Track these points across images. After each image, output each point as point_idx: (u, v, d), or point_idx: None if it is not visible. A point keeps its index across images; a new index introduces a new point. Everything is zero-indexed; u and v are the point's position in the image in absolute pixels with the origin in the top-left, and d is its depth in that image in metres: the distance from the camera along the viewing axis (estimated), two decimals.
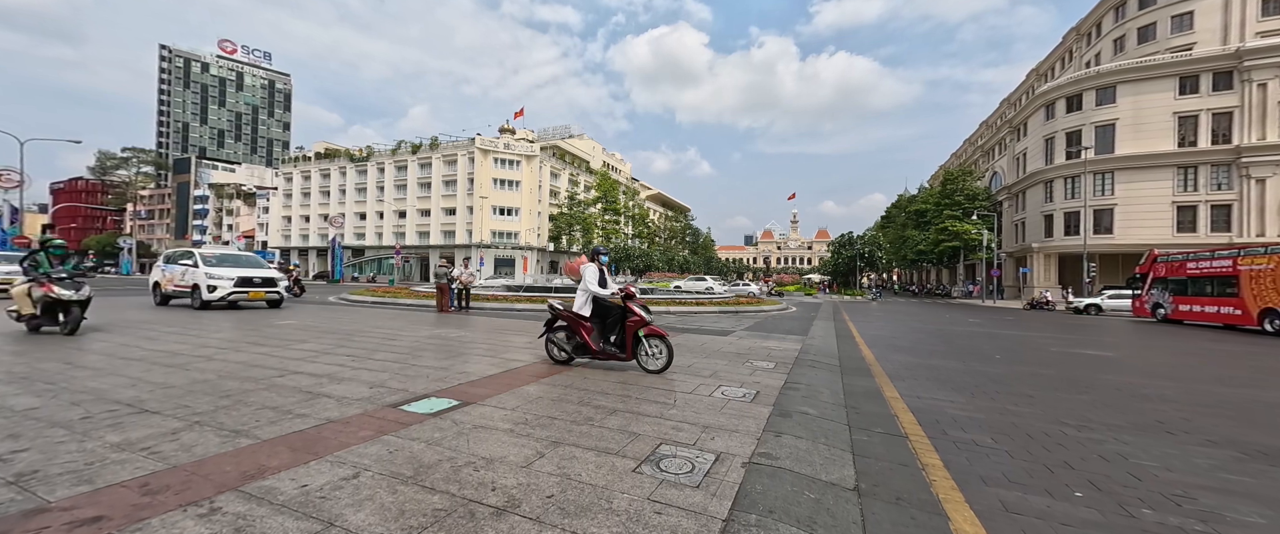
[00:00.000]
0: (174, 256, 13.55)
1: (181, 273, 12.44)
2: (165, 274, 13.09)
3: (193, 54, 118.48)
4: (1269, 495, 2.84)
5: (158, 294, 13.25)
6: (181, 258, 13.07)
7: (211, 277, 11.86)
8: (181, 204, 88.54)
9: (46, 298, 7.29)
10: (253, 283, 12.39)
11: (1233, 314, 15.21)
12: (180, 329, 8.30)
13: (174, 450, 2.82)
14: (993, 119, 57.14)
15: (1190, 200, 32.78)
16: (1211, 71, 32.32)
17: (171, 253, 13.89)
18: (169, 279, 12.80)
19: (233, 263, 12.96)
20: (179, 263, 12.88)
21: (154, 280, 13.51)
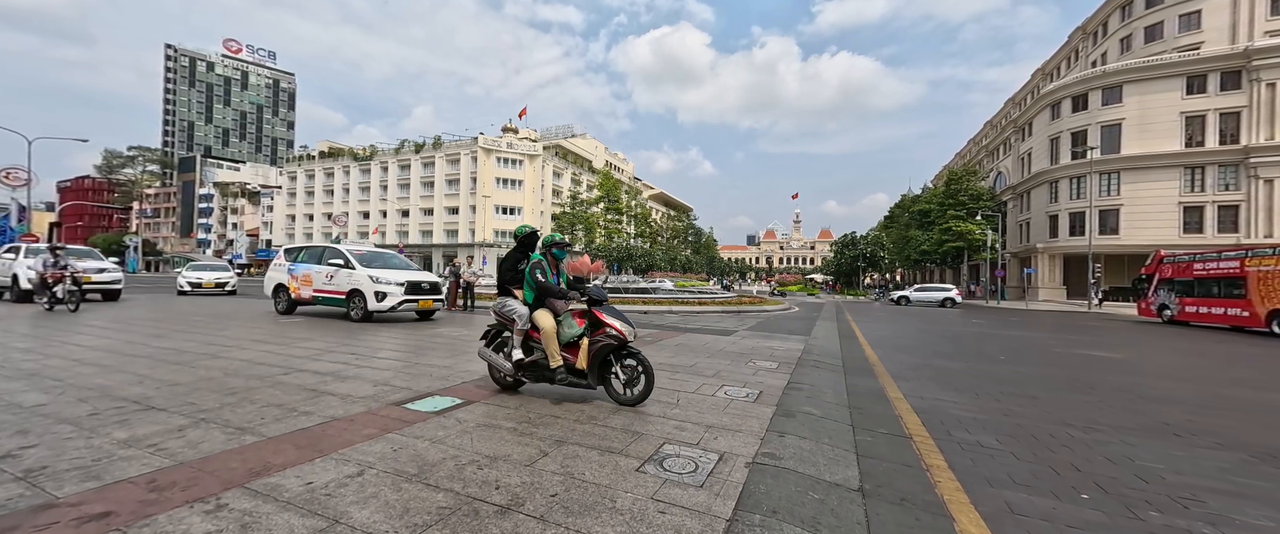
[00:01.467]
0: (310, 254, 10.80)
1: (328, 275, 9.98)
2: (296, 275, 10.55)
3: (198, 53, 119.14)
4: (1279, 498, 2.81)
5: (282, 299, 10.83)
6: (328, 257, 10.36)
7: (379, 281, 9.38)
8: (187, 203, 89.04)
9: None
10: (422, 289, 9.87)
11: (1240, 316, 15.08)
12: (186, 328, 8.35)
13: (180, 447, 2.84)
14: (997, 119, 56.83)
15: (1197, 201, 32.53)
16: (1219, 71, 32.06)
17: (301, 249, 11.12)
18: (303, 281, 10.39)
19: (383, 262, 10.49)
20: (324, 262, 10.28)
21: (276, 282, 11.02)
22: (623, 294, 18.61)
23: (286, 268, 10.92)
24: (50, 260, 10.55)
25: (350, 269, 9.76)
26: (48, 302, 10.31)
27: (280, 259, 11.33)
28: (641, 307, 15.68)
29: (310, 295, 10.28)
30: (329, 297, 10.03)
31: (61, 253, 10.90)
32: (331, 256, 10.35)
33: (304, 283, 10.37)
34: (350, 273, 9.71)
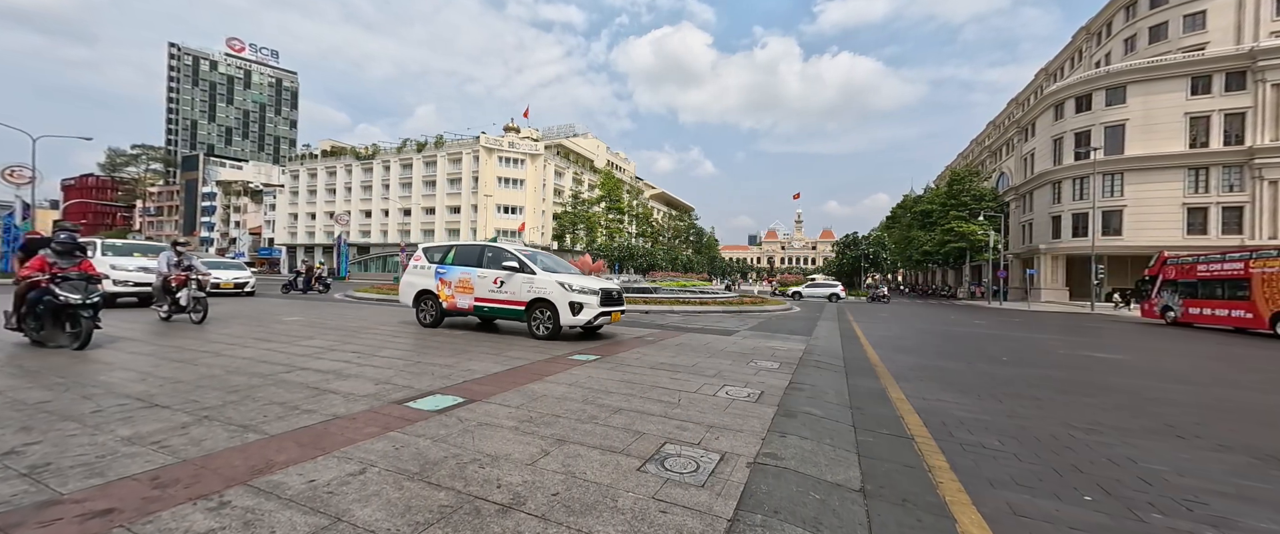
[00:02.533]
0: (464, 254, 8.77)
1: (496, 281, 8.10)
2: (449, 280, 8.58)
3: (201, 52, 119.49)
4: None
5: (427, 309, 8.84)
6: (494, 258, 8.38)
7: (574, 290, 7.58)
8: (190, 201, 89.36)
9: None
10: (613, 299, 8.16)
11: (1244, 317, 15.01)
12: (188, 325, 8.38)
13: (183, 444, 2.85)
14: (1000, 119, 56.66)
15: (1201, 202, 32.38)
16: (1224, 71, 31.90)
17: (448, 248, 9.01)
18: (459, 287, 8.44)
19: (553, 267, 8.58)
20: (488, 265, 8.35)
21: (420, 287, 8.97)
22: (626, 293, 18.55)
23: (433, 271, 8.85)
24: (172, 259, 8.57)
25: (528, 273, 7.92)
26: (167, 310, 8.46)
27: (421, 259, 9.21)
28: (643, 306, 15.68)
29: (470, 305, 8.36)
30: (499, 307, 8.09)
31: (185, 251, 8.85)
32: (500, 259, 8.33)
33: (461, 289, 8.44)
34: (530, 279, 7.85)
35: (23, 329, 5.71)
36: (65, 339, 5.59)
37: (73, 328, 5.57)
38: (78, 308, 5.49)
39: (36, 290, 5.53)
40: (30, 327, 5.65)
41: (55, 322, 5.57)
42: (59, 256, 5.72)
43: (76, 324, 5.54)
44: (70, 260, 5.79)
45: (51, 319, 5.55)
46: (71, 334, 5.58)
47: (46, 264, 5.57)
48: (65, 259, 5.76)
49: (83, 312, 5.50)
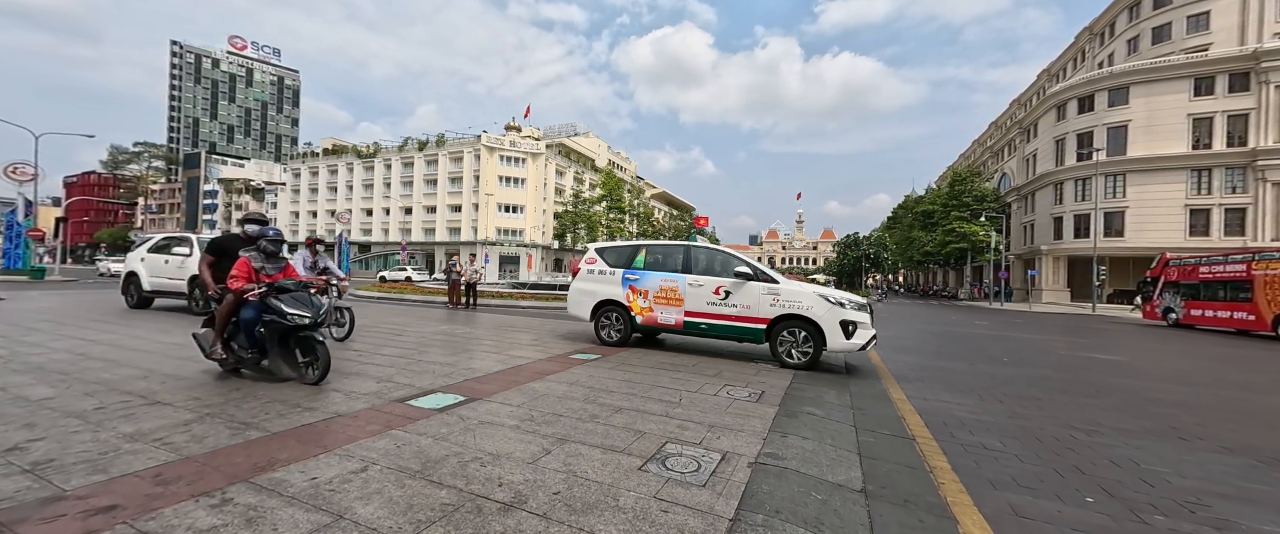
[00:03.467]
0: (659, 254, 7.10)
1: (719, 292, 6.35)
2: (642, 288, 6.87)
3: (203, 50, 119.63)
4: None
5: (613, 324, 7.08)
6: (713, 264, 6.65)
7: (843, 306, 5.84)
8: (191, 198, 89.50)
9: None
10: None
11: (1246, 319, 14.98)
12: (189, 323, 8.39)
13: (186, 441, 2.85)
14: (1002, 120, 56.54)
15: (1203, 204, 32.30)
16: (1227, 73, 31.80)
17: (636, 248, 7.30)
18: (660, 297, 6.70)
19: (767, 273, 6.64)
20: (699, 270, 6.64)
21: (602, 296, 7.19)
22: None
23: (619, 276, 7.10)
24: (308, 259, 6.92)
25: (767, 283, 6.18)
26: None
27: (596, 261, 7.43)
28: None
29: (677, 320, 6.61)
30: (725, 324, 6.32)
31: (321, 252, 7.18)
32: (726, 264, 6.53)
33: (664, 300, 6.70)
34: (773, 290, 6.10)
35: (229, 359, 4.40)
36: (295, 369, 4.31)
37: (305, 355, 4.29)
38: (310, 328, 4.23)
39: (250, 307, 4.25)
40: (245, 356, 4.35)
41: (283, 347, 4.29)
42: (267, 260, 4.46)
43: (309, 350, 4.26)
44: (277, 265, 4.50)
45: (278, 344, 4.27)
46: (304, 363, 4.30)
47: (253, 270, 4.31)
48: (272, 263, 4.47)
49: (316, 333, 4.28)
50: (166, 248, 9.86)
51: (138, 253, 10.25)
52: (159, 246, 10.09)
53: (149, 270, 9.83)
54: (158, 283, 9.69)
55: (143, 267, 9.90)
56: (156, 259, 9.80)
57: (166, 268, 9.58)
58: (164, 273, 9.59)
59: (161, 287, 9.67)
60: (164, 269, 9.61)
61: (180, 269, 9.31)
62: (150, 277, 9.78)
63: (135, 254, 10.28)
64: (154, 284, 9.74)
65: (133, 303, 10.09)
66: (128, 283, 10.23)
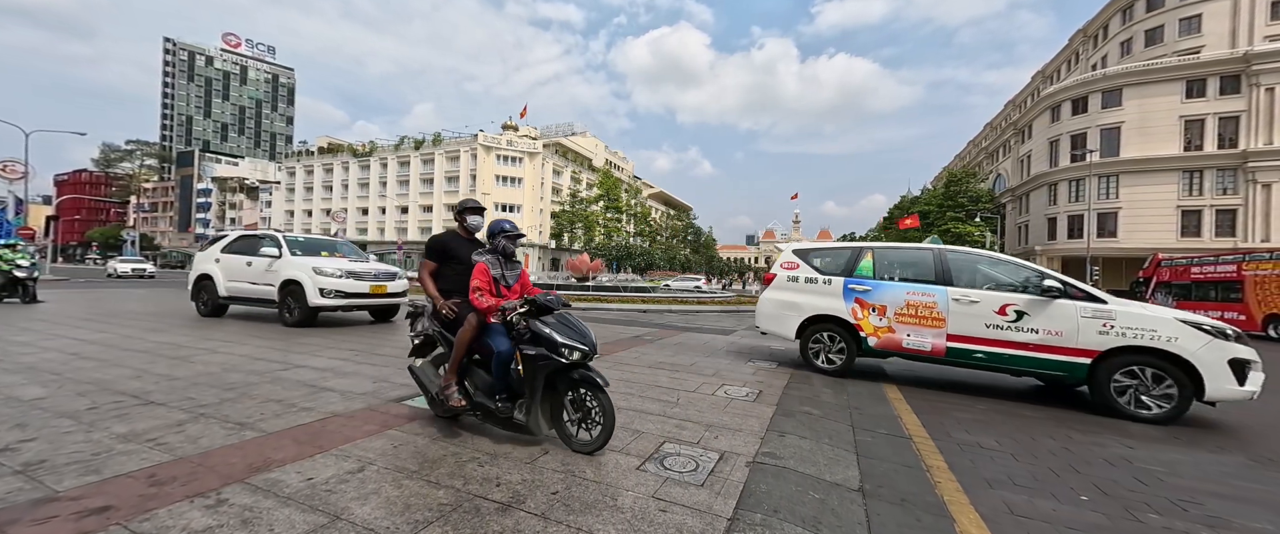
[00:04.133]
0: (896, 262, 5.72)
1: (1006, 311, 4.90)
2: (875, 301, 5.50)
3: (197, 47, 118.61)
4: (1279, 502, 2.82)
5: (828, 348, 5.79)
6: (971, 270, 5.33)
7: (1233, 340, 4.41)
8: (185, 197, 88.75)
9: None
10: None
11: (1237, 319, 15.13)
12: (183, 322, 8.32)
13: (180, 442, 2.83)
14: (997, 121, 56.88)
15: (1195, 205, 32.63)
16: (1219, 75, 32.14)
17: (863, 252, 5.91)
18: (904, 315, 5.35)
19: None
20: (970, 283, 5.23)
21: (815, 310, 5.85)
22: (620, 293, 18.64)
23: (839, 285, 5.75)
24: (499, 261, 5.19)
25: (1090, 302, 4.67)
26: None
27: (797, 266, 6.23)
28: (641, 305, 15.69)
29: (937, 345, 5.20)
30: (1015, 354, 4.85)
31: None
32: (1004, 273, 5.18)
33: (913, 319, 5.32)
34: (1099, 312, 4.59)
35: (466, 405, 3.04)
36: (561, 427, 2.97)
37: (577, 410, 2.89)
38: (584, 365, 2.86)
39: (499, 334, 2.95)
40: (493, 405, 2.94)
41: (549, 392, 2.93)
42: (505, 265, 3.22)
43: (581, 400, 2.88)
44: (514, 271, 3.27)
45: (544, 388, 2.90)
46: (575, 418, 2.91)
47: (493, 280, 3.09)
48: (511, 269, 3.25)
49: (587, 374, 2.84)
50: (250, 248, 8.57)
51: (210, 253, 9.00)
52: (238, 246, 8.85)
53: (226, 273, 8.64)
54: (238, 288, 8.51)
55: (217, 269, 8.72)
56: (236, 261, 8.58)
57: (250, 271, 8.36)
58: (245, 277, 8.43)
59: (243, 293, 8.48)
60: (246, 272, 8.42)
61: (269, 273, 8.10)
62: (228, 281, 8.60)
63: (207, 254, 9.06)
64: (232, 290, 8.56)
65: (205, 311, 8.86)
66: (198, 288, 8.97)
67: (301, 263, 7.92)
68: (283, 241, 8.36)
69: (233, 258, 8.73)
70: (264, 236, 8.68)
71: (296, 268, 7.86)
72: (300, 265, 7.87)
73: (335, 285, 7.74)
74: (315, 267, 7.81)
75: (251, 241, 8.81)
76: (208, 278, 8.83)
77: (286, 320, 7.89)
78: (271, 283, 8.10)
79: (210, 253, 9.08)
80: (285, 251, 8.17)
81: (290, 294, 7.88)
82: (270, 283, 8.11)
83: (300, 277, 7.74)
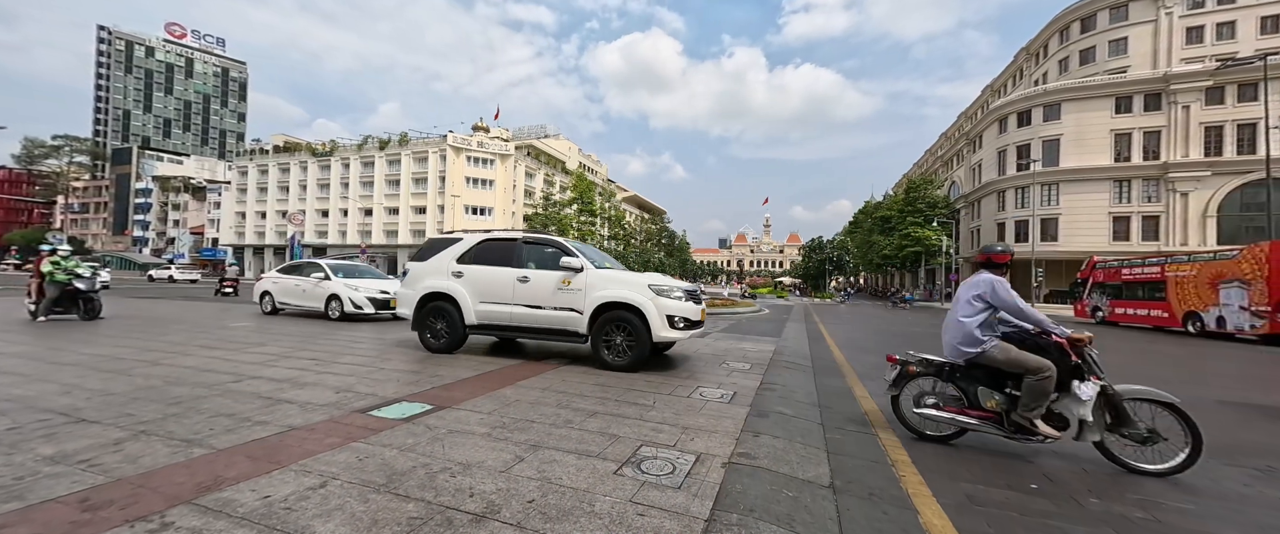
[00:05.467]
0: None
1: None
2: None
3: (136, 37, 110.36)
4: (1201, 485, 3.10)
5: None
6: None
7: None
8: (121, 197, 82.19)
9: None
10: None
11: (1161, 317, 16.55)
12: (123, 331, 7.69)
13: (117, 462, 2.61)
14: (951, 131, 60.22)
15: (1124, 211, 35.56)
16: (1143, 93, 35.24)
17: None
18: None
19: None
20: None
21: None
22: None
23: None
24: None
25: None
26: None
27: None
28: None
29: None
30: None
31: None
32: None
33: None
34: None
35: None
36: None
37: None
38: None
39: None
40: None
41: None
42: None
43: None
44: None
45: None
46: None
47: None
48: None
49: None
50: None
51: None
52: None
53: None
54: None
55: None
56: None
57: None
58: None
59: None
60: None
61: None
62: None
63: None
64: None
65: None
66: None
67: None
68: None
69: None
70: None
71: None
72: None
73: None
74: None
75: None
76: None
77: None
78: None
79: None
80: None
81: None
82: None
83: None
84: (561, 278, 5.97)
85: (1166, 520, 2.57)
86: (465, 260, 6.58)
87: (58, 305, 9.22)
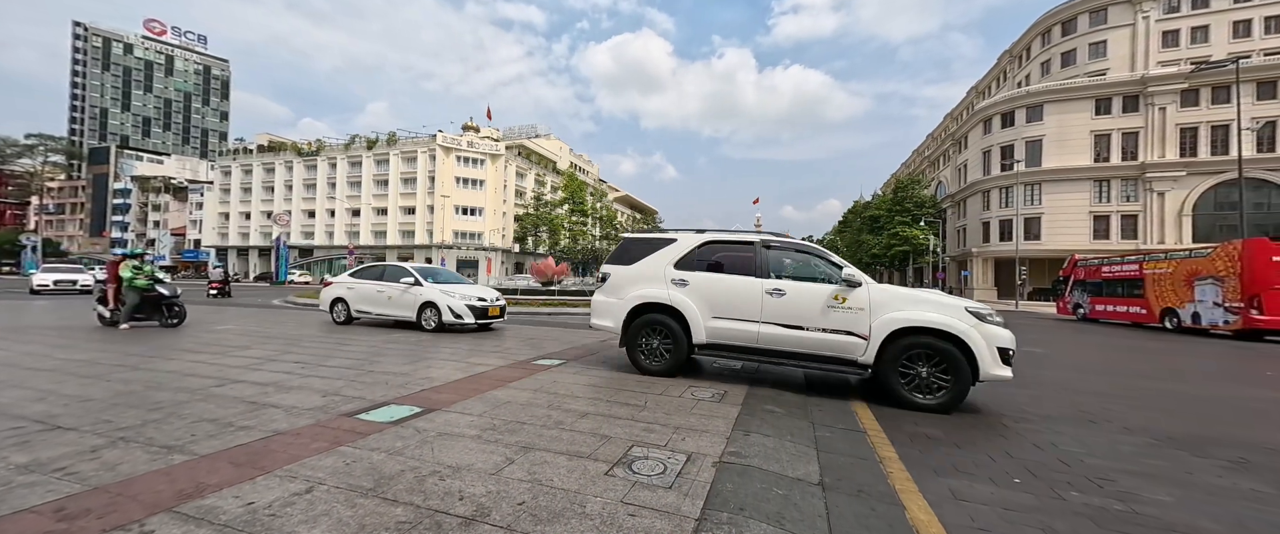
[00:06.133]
0: None
1: None
2: None
3: (114, 33, 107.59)
4: (1176, 477, 3.19)
5: None
6: None
7: None
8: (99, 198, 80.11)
9: None
10: None
11: (1139, 313, 16.98)
12: (102, 337, 7.50)
13: (94, 470, 2.54)
14: (938, 132, 61.16)
15: (1104, 211, 36.42)
16: (1121, 95, 36.13)
17: None
18: None
19: None
20: None
21: None
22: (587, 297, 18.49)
23: None
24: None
25: None
26: None
27: None
28: None
29: None
30: None
31: None
32: None
33: None
34: None
35: None
36: None
37: None
38: None
39: None
40: None
41: None
42: None
43: None
44: None
45: None
46: None
47: None
48: None
49: None
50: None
51: None
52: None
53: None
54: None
55: None
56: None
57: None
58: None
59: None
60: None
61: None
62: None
63: None
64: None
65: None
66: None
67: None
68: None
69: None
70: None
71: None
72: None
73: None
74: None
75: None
76: None
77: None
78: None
79: None
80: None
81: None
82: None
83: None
84: (832, 293, 4.93)
85: (1144, 512, 2.64)
86: (686, 266, 5.54)
87: (139, 311, 8.78)
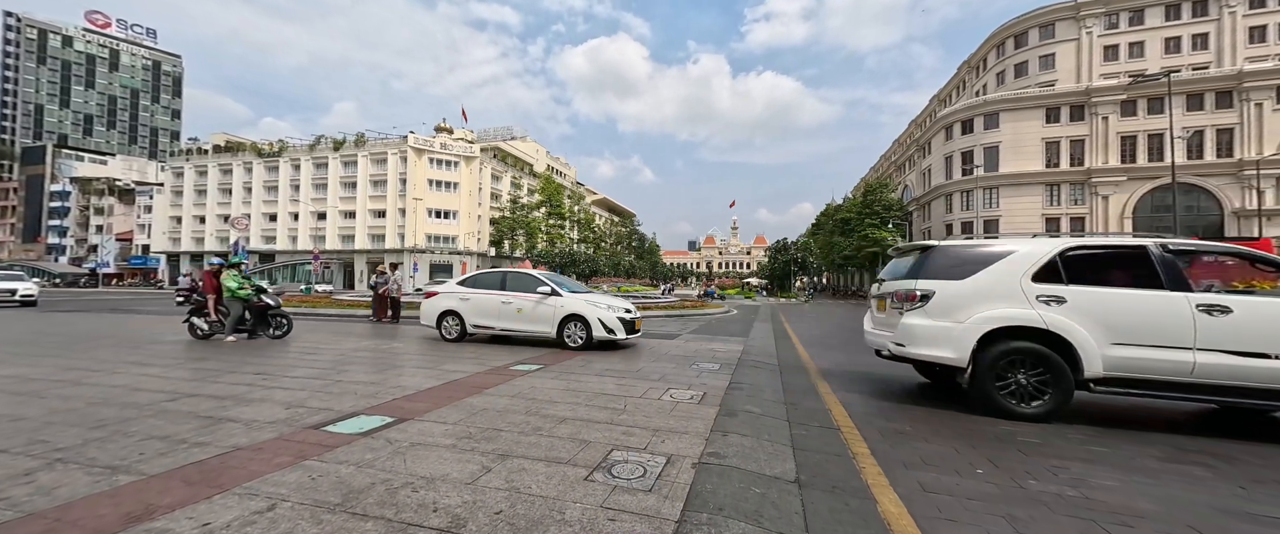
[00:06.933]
0: None
1: None
2: None
3: (51, 25, 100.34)
4: (1121, 462, 3.40)
5: None
6: None
7: None
8: (33, 201, 74.26)
9: None
10: None
11: None
12: (38, 351, 6.94)
13: (27, 495, 2.35)
14: (903, 138, 63.67)
15: (1055, 213, 38.72)
16: (1069, 105, 38.58)
17: None
18: None
19: None
20: None
21: None
22: None
23: None
24: None
25: None
26: None
27: None
28: None
29: None
30: None
31: None
32: None
33: None
34: None
35: None
36: None
37: None
38: None
39: None
40: None
41: None
42: None
43: None
44: None
45: None
46: None
47: None
48: None
49: None
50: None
51: None
52: None
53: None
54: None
55: None
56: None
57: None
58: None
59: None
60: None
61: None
62: None
63: None
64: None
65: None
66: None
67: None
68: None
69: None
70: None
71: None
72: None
73: None
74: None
75: None
76: None
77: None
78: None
79: None
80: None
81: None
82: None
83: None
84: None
85: (1094, 497, 2.80)
86: (1050, 278, 4.40)
87: (242, 323, 8.39)
